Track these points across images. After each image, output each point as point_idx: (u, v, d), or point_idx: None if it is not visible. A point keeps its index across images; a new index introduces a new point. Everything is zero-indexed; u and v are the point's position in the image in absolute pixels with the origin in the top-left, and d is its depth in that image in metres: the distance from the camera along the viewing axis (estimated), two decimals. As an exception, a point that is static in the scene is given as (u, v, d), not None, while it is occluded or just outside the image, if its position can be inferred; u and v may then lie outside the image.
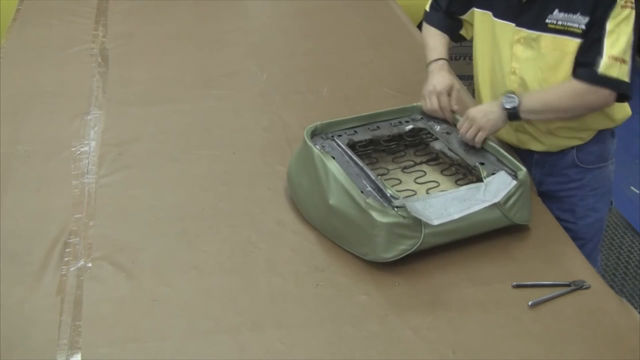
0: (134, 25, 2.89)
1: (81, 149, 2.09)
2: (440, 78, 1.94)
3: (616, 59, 1.68)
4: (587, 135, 1.91)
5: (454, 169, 1.86)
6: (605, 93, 1.72)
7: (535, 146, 1.94)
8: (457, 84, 1.97)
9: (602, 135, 1.92)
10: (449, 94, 1.93)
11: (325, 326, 1.52)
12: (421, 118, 1.98)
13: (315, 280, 1.63)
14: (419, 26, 3.50)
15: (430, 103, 1.93)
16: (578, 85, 1.73)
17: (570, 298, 1.57)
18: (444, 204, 1.64)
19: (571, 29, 1.73)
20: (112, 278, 1.64)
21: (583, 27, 1.71)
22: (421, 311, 1.55)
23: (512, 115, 1.78)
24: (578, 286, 1.59)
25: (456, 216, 1.62)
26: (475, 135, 1.80)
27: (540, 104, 1.79)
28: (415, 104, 1.99)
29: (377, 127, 1.94)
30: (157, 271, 1.66)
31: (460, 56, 3.72)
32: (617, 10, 1.68)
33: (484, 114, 1.80)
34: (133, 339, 1.49)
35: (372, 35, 2.83)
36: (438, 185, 1.81)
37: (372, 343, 1.48)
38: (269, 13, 3.15)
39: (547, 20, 1.76)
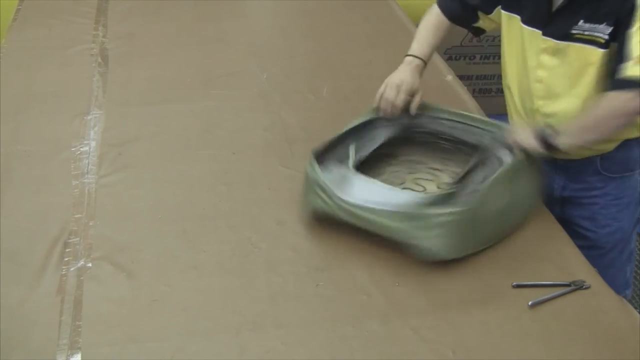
0: (134, 25, 2.89)
1: (81, 149, 2.09)
2: (410, 78, 1.92)
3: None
4: (612, 145, 1.86)
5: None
6: (630, 96, 1.62)
7: (559, 155, 1.85)
8: (421, 92, 1.93)
9: (628, 144, 1.86)
10: (411, 96, 1.91)
11: (325, 326, 1.52)
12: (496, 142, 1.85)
13: (315, 280, 1.63)
14: (419, 26, 3.52)
15: (388, 93, 1.90)
16: (613, 100, 1.65)
17: (570, 298, 1.57)
18: (375, 190, 1.65)
19: (596, 39, 1.68)
20: (112, 278, 1.64)
21: (607, 37, 1.66)
22: (421, 311, 1.55)
23: (549, 146, 1.72)
24: (578, 286, 1.59)
25: (361, 202, 1.63)
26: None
27: (577, 128, 1.72)
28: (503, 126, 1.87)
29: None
30: (157, 271, 1.66)
31: (460, 56, 3.72)
32: (638, 14, 1.61)
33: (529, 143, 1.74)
34: (133, 339, 1.49)
35: (372, 35, 2.83)
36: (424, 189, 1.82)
37: (372, 343, 1.48)
38: (269, 13, 3.15)
39: (572, 31, 1.71)
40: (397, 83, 1.91)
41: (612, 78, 1.67)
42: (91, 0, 3.08)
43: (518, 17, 1.85)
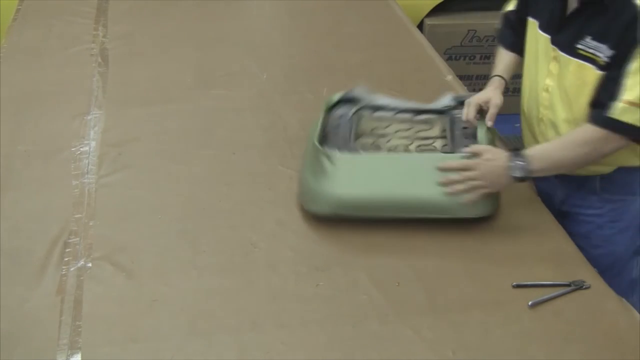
0: (134, 25, 2.89)
1: (81, 149, 2.09)
2: (483, 92, 1.93)
3: (632, 103, 1.57)
4: (609, 168, 1.83)
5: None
6: (616, 138, 1.62)
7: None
8: (497, 100, 1.88)
9: (629, 168, 1.82)
10: (486, 107, 1.89)
11: (325, 326, 1.52)
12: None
13: (315, 280, 1.63)
14: (419, 26, 3.52)
15: (467, 112, 1.92)
16: (589, 132, 1.64)
17: (570, 298, 1.57)
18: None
19: (597, 59, 1.64)
20: (112, 278, 1.64)
21: (607, 59, 1.62)
22: (421, 311, 1.55)
23: (522, 179, 1.68)
24: (578, 286, 1.59)
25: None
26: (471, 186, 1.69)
27: (550, 163, 1.68)
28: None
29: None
30: (157, 271, 1.66)
31: (460, 56, 3.72)
32: (638, 50, 1.55)
33: (490, 170, 1.67)
34: (133, 339, 1.49)
35: (372, 35, 2.83)
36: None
37: (372, 343, 1.48)
38: (269, 13, 3.15)
39: (578, 45, 1.68)
40: (470, 100, 1.93)
41: (596, 103, 1.65)
42: (91, 0, 3.08)
43: (537, 23, 1.84)
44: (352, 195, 1.73)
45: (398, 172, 1.74)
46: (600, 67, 1.65)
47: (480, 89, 1.96)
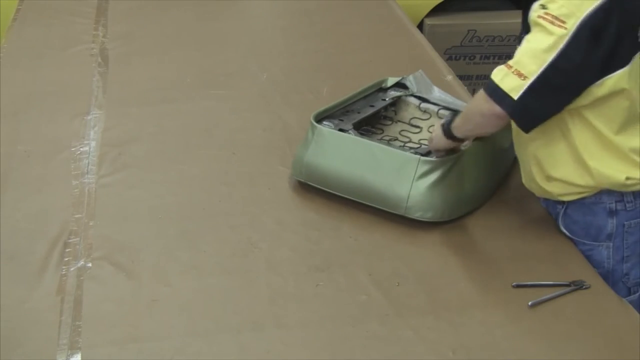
0: (134, 25, 2.89)
1: (81, 149, 2.09)
2: None
3: (508, 66, 1.51)
4: (566, 193, 1.66)
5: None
6: (483, 97, 1.55)
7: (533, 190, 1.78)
8: None
9: (592, 208, 1.65)
10: None
11: (325, 326, 1.52)
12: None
13: (315, 280, 1.63)
14: (419, 26, 3.52)
15: None
16: (477, 94, 1.61)
17: (570, 298, 1.57)
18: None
19: None
20: (112, 278, 1.64)
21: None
22: (421, 311, 1.55)
23: (447, 131, 1.70)
24: (578, 286, 1.59)
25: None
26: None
27: (461, 119, 1.69)
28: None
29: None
30: (157, 271, 1.66)
31: (460, 56, 3.72)
32: (534, 17, 1.49)
33: (432, 138, 1.78)
34: (133, 339, 1.49)
35: (372, 35, 2.83)
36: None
37: (372, 343, 1.48)
38: (269, 13, 3.15)
39: (522, 36, 1.61)
40: None
41: None
42: (91, 0, 3.08)
43: None
44: (317, 166, 1.85)
45: (364, 158, 1.81)
46: None
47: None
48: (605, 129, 1.56)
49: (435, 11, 3.65)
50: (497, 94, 1.52)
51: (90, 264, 1.67)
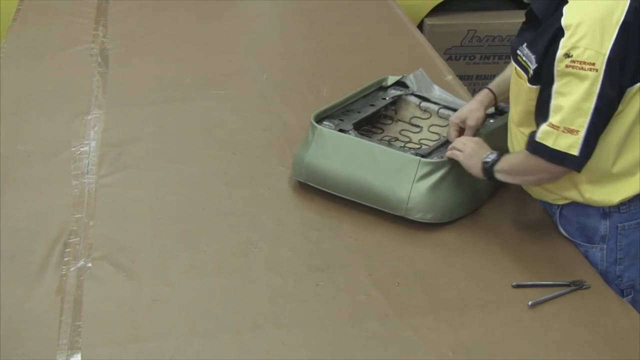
0: (134, 25, 2.89)
1: (81, 149, 2.09)
2: (465, 107, 1.90)
3: (555, 127, 1.51)
4: (558, 198, 1.70)
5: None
6: (541, 162, 1.55)
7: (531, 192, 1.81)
8: (471, 122, 1.85)
9: (587, 211, 1.67)
10: (464, 126, 1.87)
11: (325, 326, 1.52)
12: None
13: (315, 280, 1.63)
14: (419, 26, 3.52)
15: (449, 132, 1.89)
16: (523, 156, 1.61)
17: (570, 298, 1.57)
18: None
19: (528, 69, 1.59)
20: (112, 278, 1.64)
21: (533, 72, 1.57)
22: (421, 311, 1.55)
23: (487, 172, 1.68)
24: (578, 286, 1.59)
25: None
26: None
27: (507, 165, 1.67)
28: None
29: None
30: (157, 271, 1.66)
31: (460, 56, 3.72)
32: (561, 67, 1.49)
33: (467, 156, 1.73)
34: (133, 339, 1.49)
35: (372, 35, 2.83)
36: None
37: (372, 343, 1.48)
38: (269, 13, 3.15)
39: (518, 52, 1.63)
40: (451, 119, 1.89)
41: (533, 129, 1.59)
42: (91, 0, 3.08)
43: None
44: (318, 166, 1.85)
45: (364, 159, 1.81)
46: (530, 80, 1.59)
47: (481, 89, 1.95)
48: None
49: (435, 11, 3.65)
50: (558, 157, 1.53)
51: (90, 264, 1.67)
